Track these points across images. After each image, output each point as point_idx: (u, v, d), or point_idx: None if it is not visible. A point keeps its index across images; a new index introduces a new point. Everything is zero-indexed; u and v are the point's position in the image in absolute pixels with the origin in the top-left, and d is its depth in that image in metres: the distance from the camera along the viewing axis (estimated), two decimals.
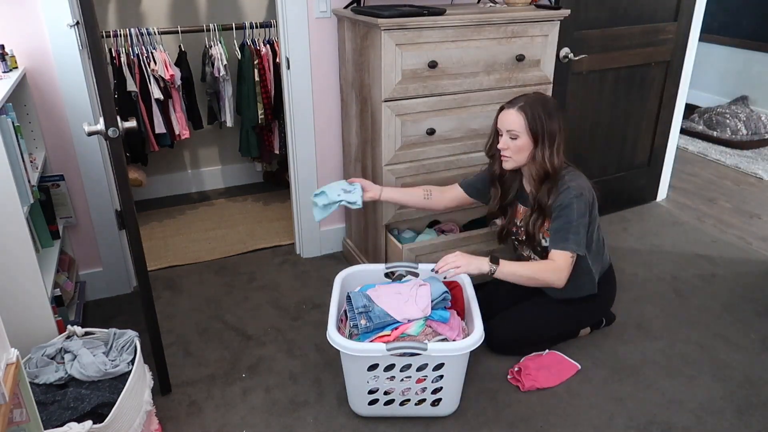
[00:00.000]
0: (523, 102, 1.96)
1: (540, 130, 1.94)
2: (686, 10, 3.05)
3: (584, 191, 1.98)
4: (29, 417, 1.15)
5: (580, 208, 1.96)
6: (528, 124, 1.94)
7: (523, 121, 1.94)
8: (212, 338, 2.33)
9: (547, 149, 1.95)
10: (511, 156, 2.00)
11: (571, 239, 1.95)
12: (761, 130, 4.45)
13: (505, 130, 1.99)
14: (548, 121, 1.94)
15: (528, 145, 1.97)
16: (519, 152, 1.98)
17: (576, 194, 1.95)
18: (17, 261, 1.75)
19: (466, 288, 2.04)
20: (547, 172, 1.97)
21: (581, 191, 1.97)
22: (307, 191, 2.80)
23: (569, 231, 1.95)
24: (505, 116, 1.99)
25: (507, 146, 1.99)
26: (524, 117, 1.94)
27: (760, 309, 2.49)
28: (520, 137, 1.96)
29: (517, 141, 1.97)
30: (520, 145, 1.97)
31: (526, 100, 1.97)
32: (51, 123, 2.28)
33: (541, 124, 1.94)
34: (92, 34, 1.59)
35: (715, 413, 1.94)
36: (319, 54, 2.56)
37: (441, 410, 1.90)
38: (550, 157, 1.96)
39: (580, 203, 1.96)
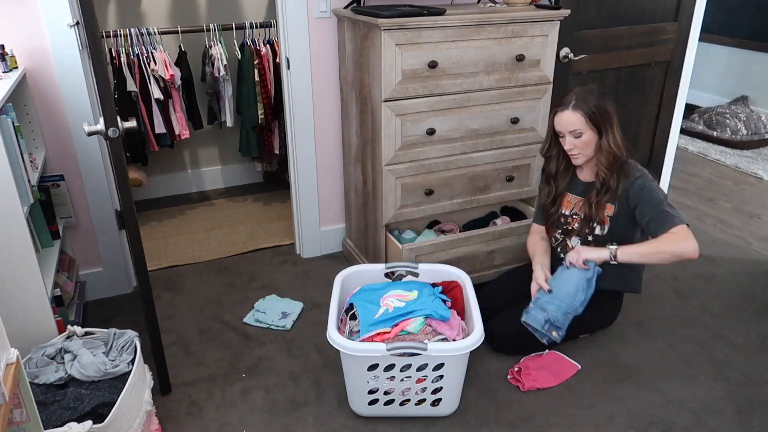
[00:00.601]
0: (574, 99, 2.00)
1: (600, 120, 1.98)
2: (686, 10, 3.05)
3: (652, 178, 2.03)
4: (29, 417, 1.16)
5: (659, 189, 2.00)
6: (587, 119, 1.98)
7: (582, 117, 1.98)
8: (212, 338, 2.33)
9: (610, 135, 2.00)
10: (580, 152, 2.04)
11: (669, 214, 1.94)
12: (761, 130, 4.45)
13: (567, 131, 2.03)
14: (603, 108, 1.99)
15: (593, 138, 2.01)
16: (586, 147, 2.03)
17: (649, 178, 2.01)
18: (17, 261, 1.75)
19: (466, 288, 2.04)
20: (616, 155, 2.01)
21: (650, 176, 2.03)
22: (307, 191, 2.80)
23: (667, 207, 1.95)
24: (563, 118, 2.02)
25: (573, 145, 2.03)
26: (581, 113, 1.98)
27: (760, 309, 2.49)
28: (584, 133, 2.00)
29: (582, 138, 2.01)
30: (586, 141, 2.01)
31: (577, 97, 2.00)
32: (51, 123, 2.28)
33: (599, 114, 1.98)
34: (92, 34, 1.59)
35: (715, 413, 1.94)
36: (319, 54, 2.56)
37: (441, 410, 1.90)
38: (614, 141, 2.00)
39: (657, 186, 2.00)
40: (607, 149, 2.00)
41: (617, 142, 2.00)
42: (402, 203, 2.44)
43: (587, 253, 1.99)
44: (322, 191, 2.83)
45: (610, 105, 2.01)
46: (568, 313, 1.91)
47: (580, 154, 2.05)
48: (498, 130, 2.47)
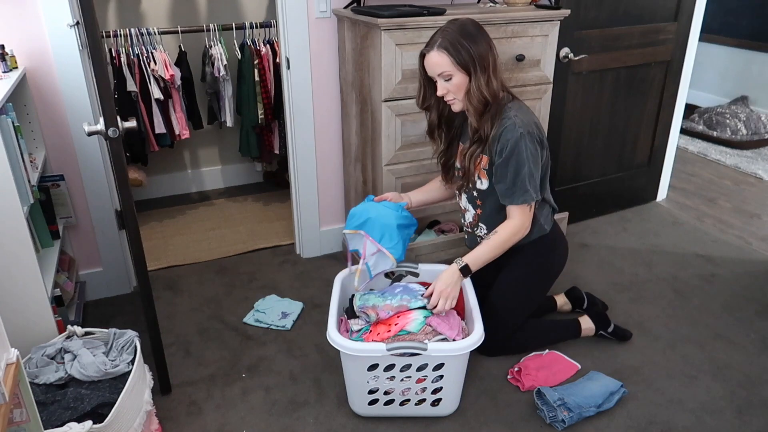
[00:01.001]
0: (440, 38, 1.81)
1: (468, 59, 1.78)
2: (686, 10, 3.05)
3: (531, 128, 1.82)
4: (29, 417, 1.16)
5: (530, 149, 1.81)
6: (454, 60, 1.78)
7: (448, 58, 1.79)
8: (212, 338, 2.33)
9: (481, 76, 1.79)
10: (454, 98, 1.86)
11: (527, 188, 1.82)
12: (761, 130, 4.45)
13: (436, 75, 1.84)
14: (473, 46, 1.78)
15: (465, 81, 1.82)
16: (459, 91, 1.84)
17: (523, 131, 1.80)
18: (17, 261, 1.75)
19: (466, 288, 2.04)
20: (486, 100, 1.82)
21: (528, 128, 1.81)
22: (307, 191, 2.80)
23: (524, 178, 1.82)
24: (430, 61, 1.83)
25: (446, 89, 1.85)
26: (447, 54, 1.79)
27: (760, 309, 2.49)
28: (454, 76, 1.81)
29: (453, 80, 1.82)
30: (457, 84, 1.82)
31: (443, 35, 1.81)
32: (51, 123, 2.28)
33: (467, 52, 1.78)
34: (92, 34, 1.59)
35: (715, 413, 1.94)
36: (319, 54, 2.56)
37: (441, 410, 1.90)
38: (487, 84, 1.80)
39: (528, 142, 1.81)
40: (476, 94, 1.79)
41: (490, 85, 1.79)
42: None
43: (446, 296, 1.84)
44: (322, 191, 2.83)
45: (483, 42, 1.79)
46: (581, 407, 1.89)
47: (455, 99, 1.86)
48: None
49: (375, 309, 1.89)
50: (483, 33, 1.83)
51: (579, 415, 1.87)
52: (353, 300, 1.97)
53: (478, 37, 1.81)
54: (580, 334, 2.25)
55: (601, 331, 2.26)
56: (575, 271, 2.77)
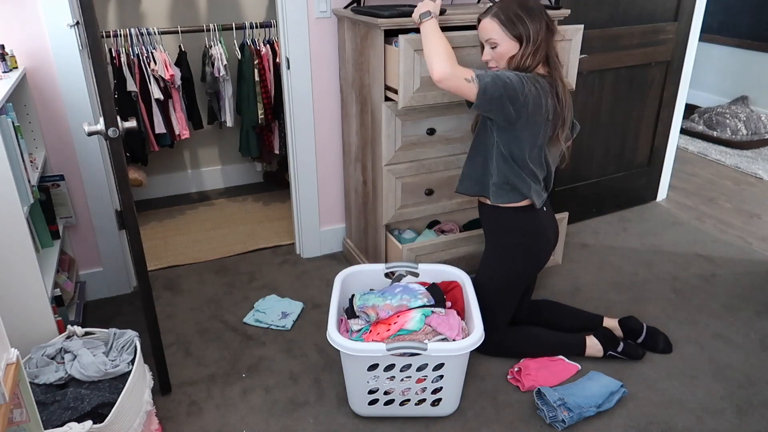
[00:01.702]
0: (496, 8, 1.84)
1: (521, 29, 1.80)
2: (686, 10, 3.05)
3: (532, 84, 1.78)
4: (29, 417, 1.16)
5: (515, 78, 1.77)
6: (505, 28, 1.81)
7: (498, 26, 1.82)
8: (212, 338, 2.33)
9: (528, 50, 1.81)
10: (496, 65, 1.89)
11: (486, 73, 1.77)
12: (761, 130, 4.45)
13: (484, 40, 1.88)
14: (528, 19, 1.80)
15: (511, 50, 1.83)
16: (502, 59, 1.86)
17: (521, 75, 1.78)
18: (17, 261, 1.75)
19: (466, 288, 2.04)
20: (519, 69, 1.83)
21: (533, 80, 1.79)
22: (307, 191, 2.80)
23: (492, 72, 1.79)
24: (482, 27, 1.88)
25: (490, 56, 1.88)
26: (498, 21, 1.82)
27: (760, 309, 2.49)
28: (500, 44, 1.84)
29: (498, 49, 1.84)
30: (501, 53, 1.84)
31: (500, 5, 1.84)
32: (51, 123, 2.28)
33: (521, 23, 1.80)
34: (92, 34, 1.59)
35: (715, 413, 1.94)
36: (319, 54, 2.56)
37: (441, 410, 1.90)
38: (524, 58, 1.81)
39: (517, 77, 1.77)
40: (516, 62, 1.82)
41: (525, 60, 1.80)
42: (402, 203, 2.44)
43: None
44: (322, 191, 2.83)
45: (541, 19, 1.81)
46: (582, 407, 1.89)
47: (497, 67, 1.89)
48: None
49: (375, 309, 1.90)
50: (542, 11, 1.84)
51: (579, 415, 1.87)
52: (353, 300, 1.97)
53: (535, 13, 1.82)
54: (584, 353, 2.16)
55: (610, 351, 2.16)
56: (575, 271, 2.77)
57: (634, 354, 2.17)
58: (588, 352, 2.16)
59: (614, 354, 2.16)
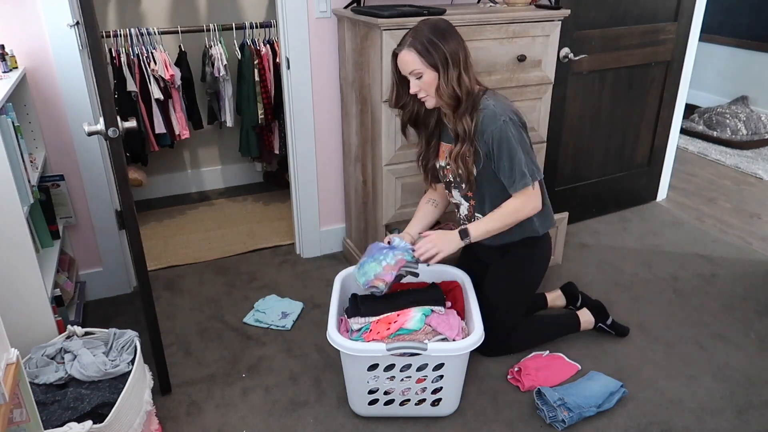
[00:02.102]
0: (410, 38, 1.83)
1: (436, 56, 1.80)
2: (686, 10, 3.05)
3: (511, 114, 1.84)
4: (29, 417, 1.16)
5: (516, 134, 1.82)
6: (423, 57, 1.80)
7: (417, 56, 1.81)
8: (212, 338, 2.33)
9: (451, 72, 1.80)
10: (427, 94, 1.87)
11: (526, 171, 1.81)
12: (761, 130, 4.45)
13: (407, 73, 1.86)
14: (443, 43, 1.80)
15: (435, 78, 1.83)
16: (431, 87, 1.85)
17: (504, 119, 1.81)
18: (17, 261, 1.75)
19: (466, 288, 2.04)
20: (458, 96, 1.82)
21: (507, 115, 1.83)
22: (307, 191, 2.80)
23: (519, 163, 1.82)
24: (401, 60, 1.86)
25: (418, 87, 1.86)
26: (416, 52, 1.81)
27: (760, 309, 2.49)
28: (424, 74, 1.82)
29: (424, 78, 1.83)
30: (428, 81, 1.83)
31: (413, 35, 1.83)
32: (51, 123, 2.28)
33: (435, 49, 1.79)
34: (92, 34, 1.59)
35: (715, 413, 1.94)
36: (319, 54, 2.56)
37: (441, 410, 1.90)
38: (457, 79, 1.81)
39: (512, 129, 1.81)
40: (445, 91, 1.81)
41: (461, 81, 1.80)
42: (402, 203, 2.44)
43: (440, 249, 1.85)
44: (322, 191, 2.83)
45: (452, 40, 1.81)
46: (582, 407, 1.89)
47: (427, 96, 1.87)
48: None
49: (380, 278, 1.88)
50: (453, 31, 1.86)
51: (579, 415, 1.87)
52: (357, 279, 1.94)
53: (448, 34, 1.83)
54: (579, 327, 2.25)
55: (600, 324, 2.27)
56: (575, 271, 2.77)
57: (620, 330, 2.28)
58: (583, 327, 2.25)
59: (603, 327, 2.27)
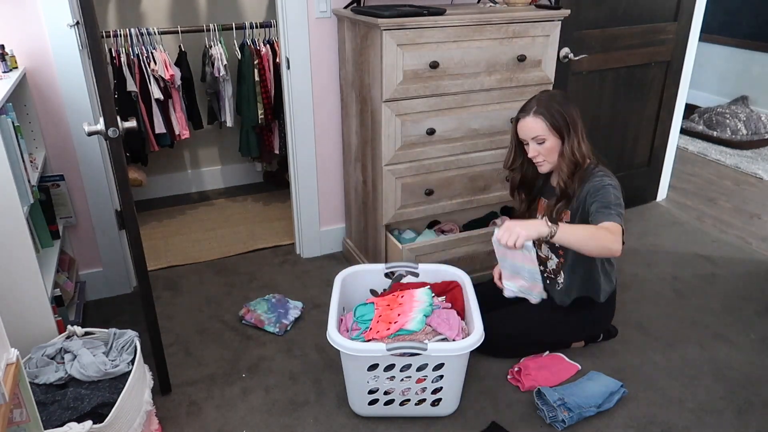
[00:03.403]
0: (535, 105, 1.96)
1: (562, 124, 1.93)
2: (686, 10, 3.05)
3: (617, 184, 1.95)
4: (29, 417, 1.16)
5: (616, 192, 1.91)
6: (549, 124, 1.93)
7: (543, 123, 1.94)
8: (212, 338, 2.33)
9: (573, 139, 1.94)
10: (544, 160, 1.99)
11: (614, 212, 1.84)
12: (761, 130, 4.45)
13: (529, 138, 1.98)
14: (566, 111, 1.94)
15: (557, 144, 1.96)
16: (550, 153, 1.97)
17: (610, 182, 1.92)
18: (17, 261, 1.75)
19: (466, 288, 2.04)
20: (577, 162, 1.95)
21: (615, 181, 1.94)
22: (307, 191, 2.80)
23: (610, 205, 1.86)
24: (525, 126, 1.98)
25: (537, 152, 1.98)
26: (543, 119, 1.94)
27: (760, 309, 2.49)
28: (547, 140, 1.95)
29: (546, 144, 1.96)
30: (549, 147, 1.96)
31: (538, 103, 1.96)
32: (51, 123, 2.28)
33: (561, 118, 1.93)
34: (92, 34, 1.59)
35: (715, 413, 1.94)
36: (319, 54, 2.56)
37: (441, 410, 1.90)
38: (578, 147, 1.95)
39: (615, 190, 1.91)
40: (569, 156, 1.94)
41: (581, 148, 1.95)
42: (402, 203, 2.44)
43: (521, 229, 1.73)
44: (322, 191, 2.83)
45: (573, 110, 1.96)
46: (582, 407, 1.89)
47: (545, 161, 1.99)
48: (498, 130, 2.47)
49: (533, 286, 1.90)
50: (571, 100, 2.00)
51: (579, 415, 1.87)
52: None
53: (568, 103, 1.97)
54: (569, 345, 2.25)
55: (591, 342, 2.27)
56: None
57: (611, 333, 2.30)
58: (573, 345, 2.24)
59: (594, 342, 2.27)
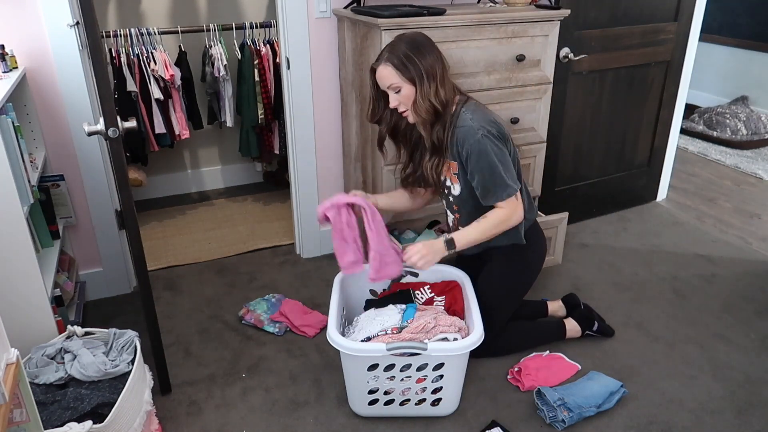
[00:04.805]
0: (387, 53, 1.85)
1: (414, 69, 1.81)
2: (686, 10, 3.05)
3: (489, 126, 1.84)
4: (29, 417, 1.16)
5: (494, 147, 1.83)
6: (400, 72, 1.82)
7: (394, 70, 1.82)
8: (212, 338, 2.33)
9: (428, 85, 1.81)
10: (406, 108, 1.88)
11: (507, 182, 1.83)
12: (761, 130, 4.45)
13: (386, 87, 1.88)
14: (419, 57, 1.81)
15: (413, 91, 1.84)
16: (410, 101, 1.86)
17: (483, 133, 1.81)
18: (17, 261, 1.75)
19: (466, 288, 2.04)
20: (435, 110, 1.84)
21: (486, 127, 1.83)
22: (307, 191, 2.80)
23: (499, 175, 1.83)
24: (379, 75, 1.87)
25: (397, 101, 1.87)
26: (393, 66, 1.82)
27: (760, 309, 2.49)
28: (402, 87, 1.84)
29: (402, 92, 1.84)
30: (407, 95, 1.84)
31: (390, 50, 1.85)
32: (51, 123, 2.28)
33: (412, 63, 1.81)
34: (92, 34, 1.59)
35: (715, 413, 1.94)
36: (319, 54, 2.56)
37: (441, 410, 1.90)
38: (435, 93, 1.82)
39: (490, 142, 1.82)
40: (422, 104, 1.82)
41: (438, 94, 1.82)
42: None
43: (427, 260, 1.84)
44: (322, 191, 2.83)
45: (432, 53, 1.83)
46: (582, 407, 1.89)
47: (407, 110, 1.88)
48: None
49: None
50: (431, 44, 1.88)
51: (579, 415, 1.87)
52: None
53: (425, 48, 1.84)
54: (565, 335, 2.25)
55: (587, 331, 2.27)
56: (575, 271, 2.77)
57: (607, 332, 2.30)
58: (568, 335, 2.26)
59: (590, 333, 2.28)
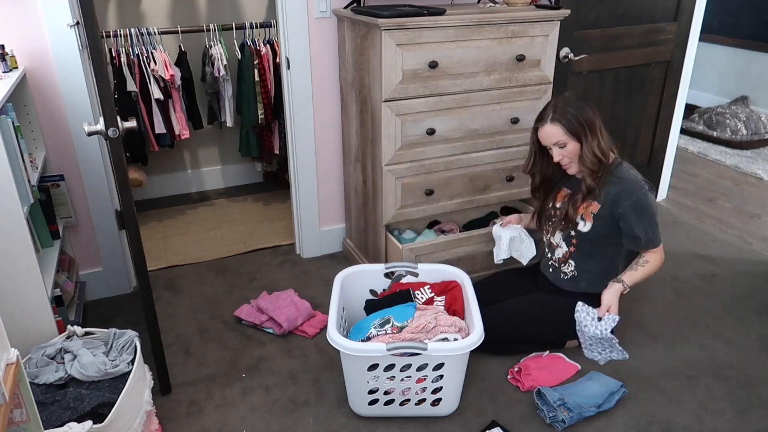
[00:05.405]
0: (552, 112, 2.01)
1: (579, 128, 1.98)
2: (686, 10, 3.05)
3: (644, 182, 2.04)
4: (29, 417, 1.16)
5: (651, 202, 2.01)
6: (567, 129, 1.99)
7: (561, 128, 1.99)
8: (212, 338, 2.33)
9: (592, 140, 1.99)
10: (570, 161, 2.05)
11: (659, 233, 2.03)
12: (761, 130, 4.45)
13: (551, 144, 2.04)
14: (581, 113, 1.99)
15: (577, 147, 2.01)
16: (574, 155, 2.03)
17: (645, 190, 2.01)
18: (17, 261, 1.75)
19: (466, 288, 2.04)
20: (599, 160, 2.01)
21: (645, 184, 2.03)
22: (307, 191, 2.80)
23: (657, 227, 2.02)
24: (544, 133, 2.04)
25: (562, 155, 2.04)
26: (560, 125, 1.99)
27: (760, 309, 2.49)
28: (568, 143, 2.01)
29: (567, 147, 2.02)
30: (572, 150, 2.02)
31: (554, 109, 2.01)
32: (51, 123, 2.28)
33: (577, 121, 1.98)
34: (92, 34, 1.59)
35: (715, 413, 1.94)
36: (319, 54, 2.56)
37: (441, 410, 1.90)
38: (598, 146, 2.00)
39: (650, 197, 2.01)
40: (590, 158, 1.99)
41: (600, 146, 2.00)
42: (402, 203, 2.44)
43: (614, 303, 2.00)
44: (322, 191, 2.83)
45: (589, 110, 2.01)
46: (582, 407, 1.89)
47: (571, 163, 2.06)
48: (498, 130, 2.47)
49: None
50: (585, 100, 2.06)
51: (579, 415, 1.87)
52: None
53: (583, 106, 2.02)
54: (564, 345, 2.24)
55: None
56: None
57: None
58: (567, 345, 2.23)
59: None
